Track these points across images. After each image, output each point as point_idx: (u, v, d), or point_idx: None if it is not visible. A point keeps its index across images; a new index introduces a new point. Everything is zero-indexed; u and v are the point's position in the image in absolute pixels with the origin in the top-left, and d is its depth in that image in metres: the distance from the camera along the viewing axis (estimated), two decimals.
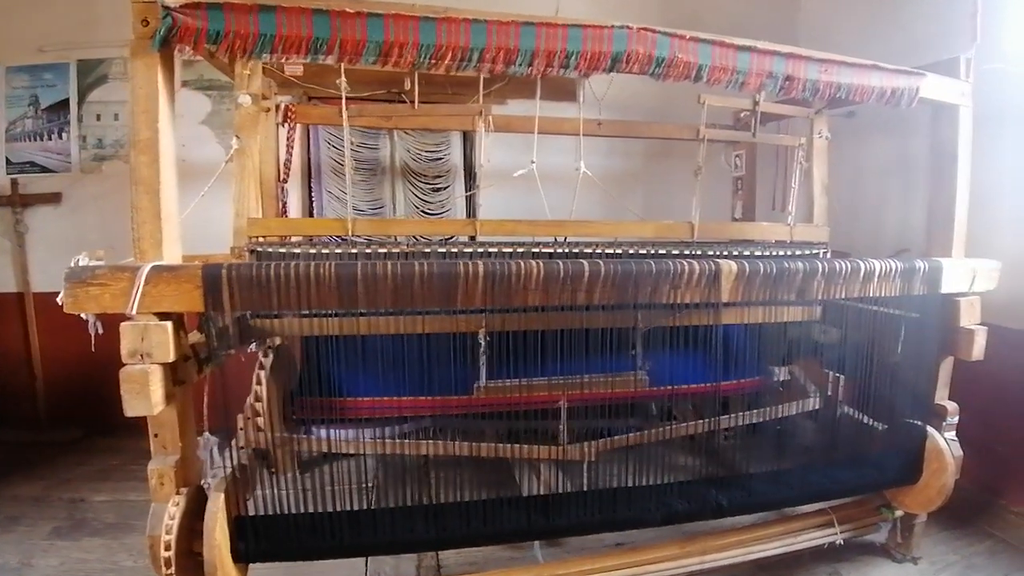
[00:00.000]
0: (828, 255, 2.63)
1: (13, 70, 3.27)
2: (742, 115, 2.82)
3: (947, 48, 2.25)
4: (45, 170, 3.33)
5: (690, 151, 3.26)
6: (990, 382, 2.62)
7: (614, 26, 1.79)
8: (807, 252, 2.60)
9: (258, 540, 1.65)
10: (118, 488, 2.89)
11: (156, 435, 1.71)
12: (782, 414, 2.53)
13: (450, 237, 2.91)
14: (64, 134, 3.29)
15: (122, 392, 1.54)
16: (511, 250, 2.26)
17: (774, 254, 2.47)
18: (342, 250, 2.19)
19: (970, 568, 2.40)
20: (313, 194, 3.27)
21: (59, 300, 1.66)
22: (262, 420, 2.23)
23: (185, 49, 1.60)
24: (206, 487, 1.75)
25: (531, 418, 2.45)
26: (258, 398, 2.26)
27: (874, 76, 2.09)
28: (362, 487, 2.12)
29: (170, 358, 1.57)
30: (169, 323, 1.58)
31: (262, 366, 2.34)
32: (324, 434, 2.28)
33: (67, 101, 3.29)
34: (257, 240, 2.19)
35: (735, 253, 2.39)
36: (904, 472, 2.23)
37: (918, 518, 2.36)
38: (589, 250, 2.34)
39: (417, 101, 2.81)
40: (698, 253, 2.41)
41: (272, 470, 2.39)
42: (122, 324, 1.58)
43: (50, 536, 2.53)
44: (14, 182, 3.27)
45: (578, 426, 2.36)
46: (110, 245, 1.84)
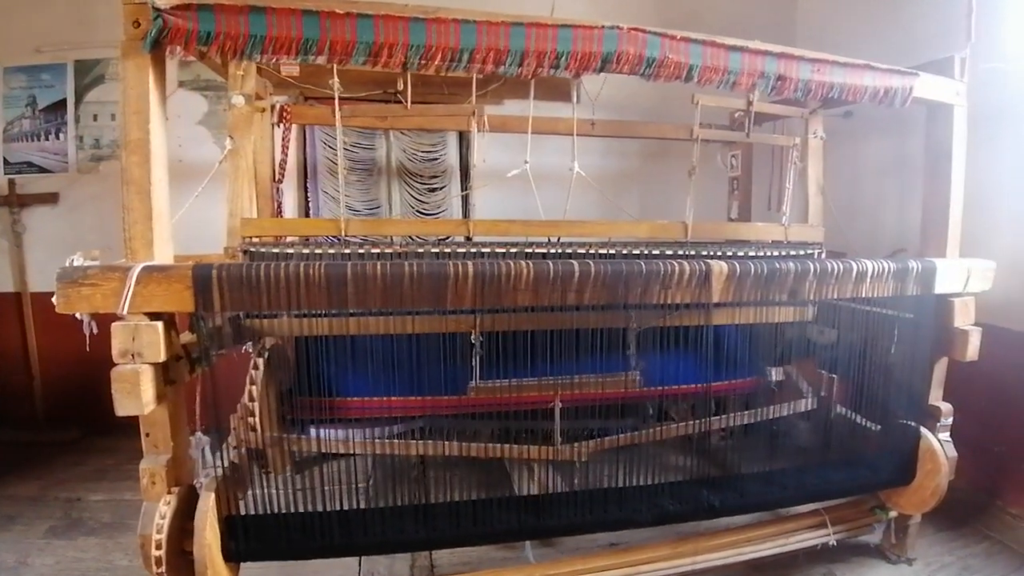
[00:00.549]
0: (823, 255, 2.62)
1: (11, 70, 3.28)
2: (736, 115, 2.82)
3: (946, 47, 2.24)
4: (42, 170, 3.34)
5: (686, 151, 3.25)
6: (987, 383, 2.62)
7: (604, 26, 1.79)
8: (802, 252, 2.59)
9: (248, 539, 1.66)
10: (114, 488, 2.90)
11: (148, 434, 1.72)
12: (776, 415, 2.52)
13: (446, 237, 2.92)
14: (61, 134, 3.30)
15: (113, 392, 1.55)
16: (504, 250, 2.26)
17: (768, 255, 2.47)
18: (336, 250, 2.20)
19: (966, 570, 2.40)
20: (309, 194, 3.27)
21: (54, 299, 1.67)
22: (255, 420, 2.23)
23: (176, 50, 1.61)
24: (198, 487, 1.75)
25: (525, 418, 2.45)
26: (252, 398, 2.26)
27: (867, 76, 2.09)
28: (354, 487, 2.12)
29: (161, 358, 1.58)
30: (160, 323, 1.58)
31: (256, 366, 2.34)
32: (318, 434, 2.28)
33: (64, 101, 3.30)
34: (250, 240, 2.20)
35: (728, 254, 2.38)
36: (898, 473, 2.23)
37: (912, 519, 2.36)
38: (583, 250, 2.35)
39: (412, 101, 2.81)
40: (691, 254, 2.42)
41: (266, 470, 2.40)
42: (113, 324, 1.58)
43: (46, 535, 2.54)
44: (11, 182, 3.29)
45: (573, 426, 2.35)
46: (107, 245, 1.86)
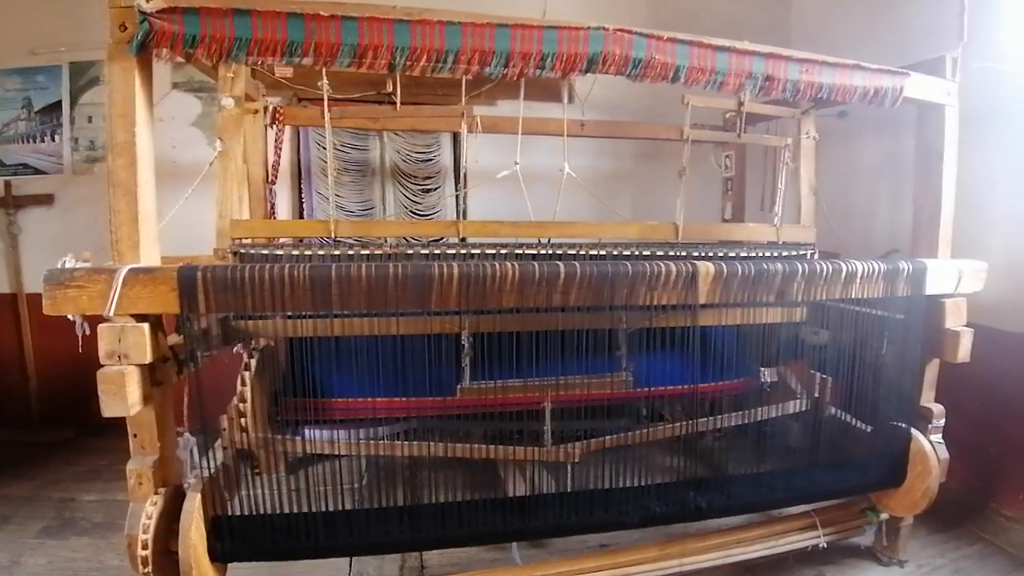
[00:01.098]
0: (815, 256, 2.61)
1: (6, 72, 3.30)
2: (728, 116, 2.81)
3: (941, 47, 2.23)
4: (38, 172, 3.37)
5: (680, 152, 3.26)
6: (981, 384, 2.60)
7: (590, 27, 1.79)
8: (794, 253, 2.59)
9: (234, 540, 1.66)
10: (107, 488, 2.92)
11: (135, 435, 1.74)
12: (766, 416, 2.51)
13: (439, 239, 2.93)
14: (56, 136, 3.32)
15: (99, 393, 1.56)
16: (495, 252, 2.26)
17: (759, 255, 2.46)
18: (326, 252, 2.20)
19: (958, 572, 2.39)
20: (303, 196, 3.28)
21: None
22: (246, 421, 2.24)
23: (163, 53, 1.62)
24: (186, 487, 1.76)
25: (515, 419, 2.46)
26: (242, 399, 2.27)
27: (857, 76, 2.08)
28: (342, 488, 2.12)
29: (147, 359, 1.59)
30: (146, 325, 1.59)
31: (247, 367, 2.35)
32: (307, 435, 2.29)
33: (59, 103, 3.32)
34: (240, 242, 2.20)
35: (719, 254, 2.38)
36: (888, 475, 2.22)
37: (904, 521, 2.35)
38: (573, 252, 2.35)
39: (407, 102, 2.81)
40: (682, 255, 2.41)
41: (257, 471, 2.41)
42: (100, 326, 1.59)
43: (39, 535, 2.55)
44: (7, 184, 3.31)
45: (563, 427, 2.35)
46: (101, 246, 1.86)
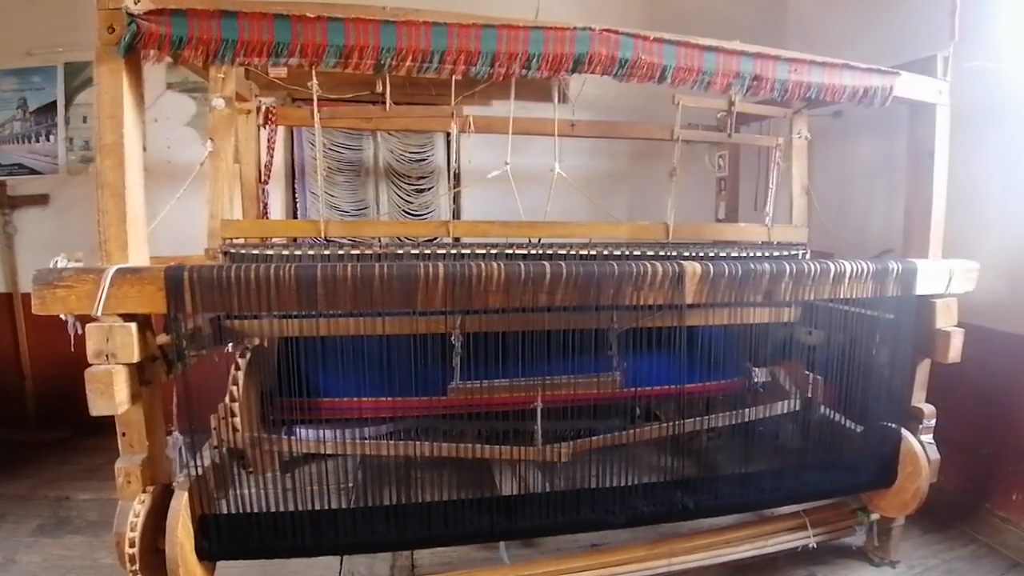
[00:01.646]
0: (807, 256, 2.61)
1: (2, 73, 3.32)
2: (720, 115, 2.81)
3: (937, 47, 2.22)
4: (33, 172, 3.38)
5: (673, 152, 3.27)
6: (974, 385, 2.60)
7: (576, 28, 1.79)
8: (785, 253, 2.58)
9: (221, 539, 1.67)
10: (103, 487, 2.93)
11: (123, 434, 1.74)
12: (756, 416, 2.51)
13: (433, 239, 2.93)
14: (52, 136, 3.34)
15: (87, 392, 1.57)
16: (485, 252, 2.27)
17: (749, 255, 2.46)
18: (316, 252, 2.21)
19: (951, 572, 2.38)
20: (297, 196, 3.29)
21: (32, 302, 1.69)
22: (237, 420, 2.25)
23: (150, 54, 1.63)
24: (174, 486, 1.77)
25: (506, 419, 2.46)
26: (233, 398, 2.28)
27: (846, 75, 2.07)
28: (335, 488, 2.13)
29: (135, 359, 1.60)
30: (134, 324, 1.60)
31: (238, 367, 2.36)
32: (298, 435, 2.30)
33: (55, 103, 3.33)
34: (231, 242, 2.21)
35: (709, 255, 2.38)
36: (878, 475, 2.21)
37: (896, 521, 2.34)
38: (564, 251, 2.35)
39: (401, 102, 2.83)
40: (672, 255, 2.41)
41: (249, 470, 2.41)
42: (88, 325, 1.60)
43: (34, 533, 2.57)
44: (2, 184, 3.32)
45: (554, 427, 2.36)
46: (95, 246, 1.88)
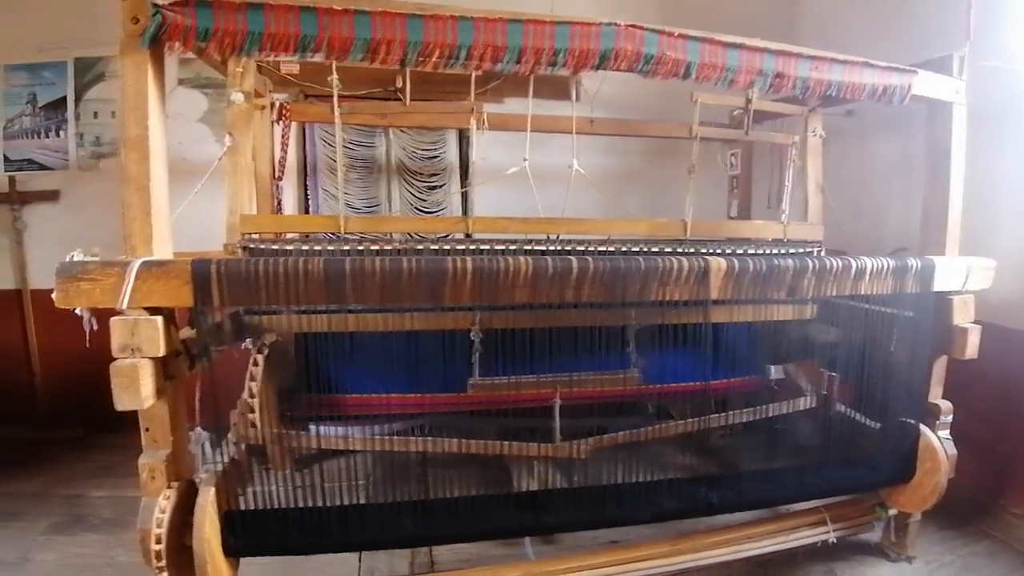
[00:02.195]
0: (822, 254, 2.62)
1: (11, 68, 3.29)
2: (736, 113, 2.81)
3: (949, 46, 2.23)
4: (43, 168, 3.35)
5: (689, 150, 3.26)
6: (990, 382, 2.60)
7: (602, 23, 1.79)
8: (801, 251, 2.59)
9: (248, 535, 1.66)
10: (117, 484, 2.91)
11: (147, 429, 1.74)
12: (775, 413, 2.52)
13: (446, 235, 2.92)
14: (62, 132, 3.31)
15: (112, 386, 1.55)
16: (503, 248, 2.27)
17: (768, 252, 2.46)
18: (335, 247, 2.20)
19: (967, 568, 2.39)
20: (309, 192, 3.28)
21: (54, 295, 1.68)
22: (255, 416, 2.24)
23: (176, 47, 1.62)
24: (198, 482, 1.76)
25: (525, 416, 2.46)
26: (252, 394, 2.27)
27: (866, 73, 2.08)
28: (353, 483, 2.12)
29: (160, 352, 1.59)
30: (160, 318, 1.59)
31: (256, 362, 2.35)
32: (318, 431, 2.29)
33: (65, 99, 3.30)
34: (250, 237, 2.20)
35: (728, 251, 2.38)
36: (897, 471, 2.22)
37: (912, 517, 2.35)
38: (582, 248, 2.35)
39: (414, 99, 2.80)
40: (691, 251, 2.41)
41: (267, 467, 2.41)
42: (112, 319, 1.59)
43: (48, 531, 2.55)
44: (12, 179, 3.29)
45: (572, 424, 2.36)
46: (108, 243, 1.87)
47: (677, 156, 3.41)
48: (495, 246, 2.30)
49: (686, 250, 2.42)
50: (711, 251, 2.41)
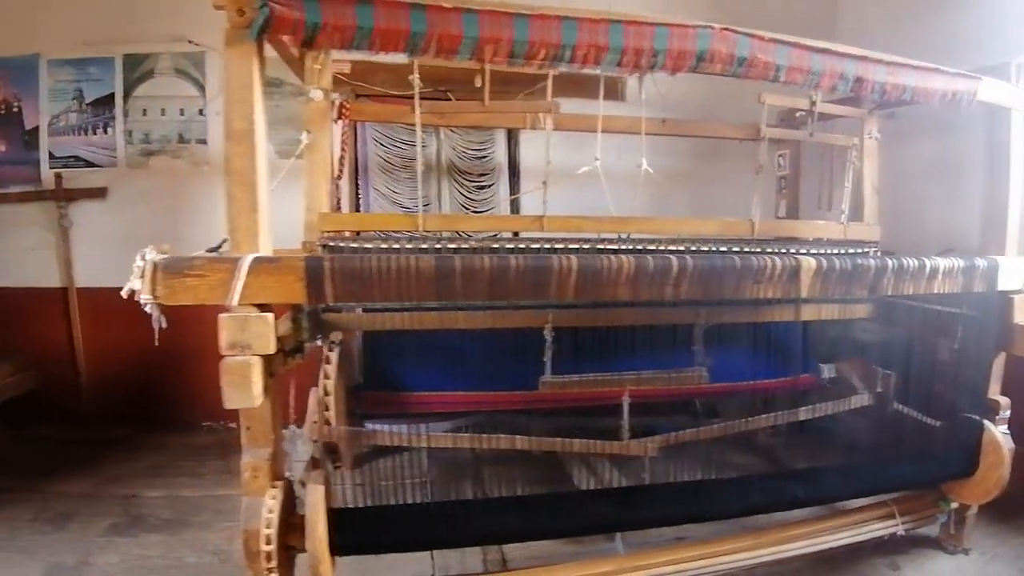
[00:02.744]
0: (878, 254, 2.68)
1: (56, 63, 3.24)
2: (798, 114, 2.85)
3: (992, 51, 2.30)
4: (90, 165, 3.31)
5: (736, 150, 3.30)
6: None
7: (698, 25, 1.82)
8: (860, 251, 2.64)
9: (355, 533, 1.66)
10: (170, 484, 2.88)
11: (248, 428, 1.72)
12: (836, 411, 2.57)
13: (494, 234, 2.93)
14: (110, 129, 3.26)
15: (223, 384, 1.53)
16: (576, 246, 2.29)
17: (838, 252, 2.52)
18: (414, 245, 2.21)
19: (1019, 558, 2.46)
20: (360, 191, 3.27)
21: (123, 292, 1.66)
22: (331, 414, 2.23)
23: (284, 40, 1.61)
24: (294, 481, 1.76)
25: (592, 414, 2.48)
26: (327, 392, 2.26)
27: (936, 79, 2.14)
28: (416, 481, 2.12)
29: (271, 350, 1.57)
30: (270, 315, 1.58)
31: (328, 360, 2.33)
32: (393, 428, 2.29)
33: (112, 96, 3.27)
34: (328, 235, 2.20)
35: (803, 251, 2.43)
36: (963, 465, 2.28)
37: (970, 510, 2.41)
38: (641, 247, 2.38)
39: (459, 99, 2.83)
40: (757, 250, 2.45)
41: (337, 464, 2.40)
42: (221, 315, 1.57)
43: (107, 533, 2.51)
44: (58, 176, 3.24)
45: (639, 422, 2.38)
46: (160, 240, 1.85)
47: (723, 156, 3.46)
48: (554, 244, 2.31)
49: (753, 249, 2.46)
50: (783, 251, 2.45)
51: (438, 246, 2.21)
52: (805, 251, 2.34)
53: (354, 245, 2.18)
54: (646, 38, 1.77)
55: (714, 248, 2.40)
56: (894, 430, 2.53)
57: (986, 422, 2.27)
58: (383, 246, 2.19)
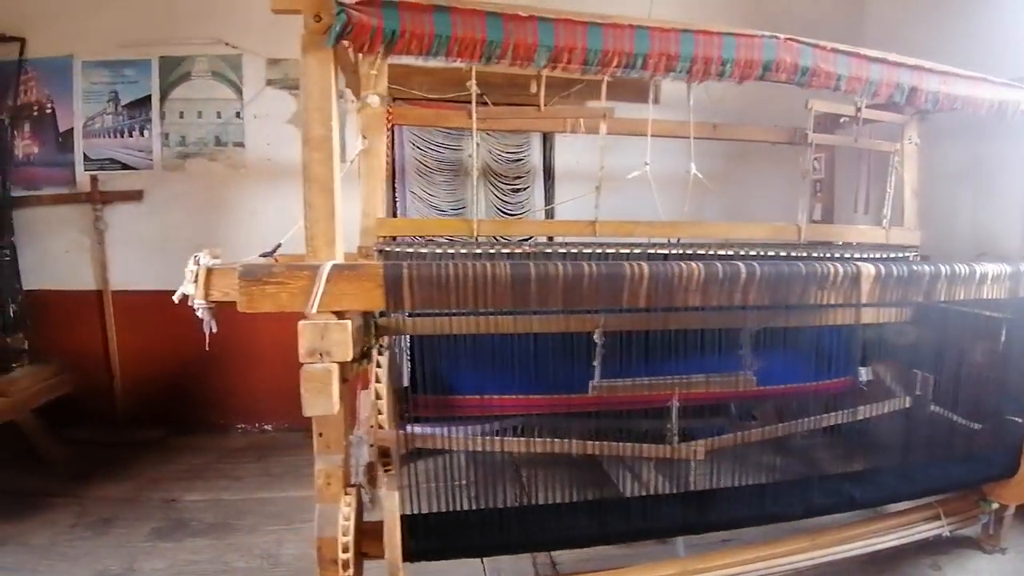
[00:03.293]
0: (919, 259, 2.72)
1: (90, 65, 3.21)
2: (842, 120, 2.87)
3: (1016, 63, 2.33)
4: (126, 167, 3.28)
5: (766, 153, 3.34)
6: None
7: (763, 35, 1.85)
8: (901, 255, 2.69)
9: (429, 539, 1.67)
10: (210, 487, 2.86)
11: (320, 434, 1.72)
12: (876, 413, 2.61)
13: (528, 238, 2.95)
14: (146, 131, 3.24)
15: (303, 391, 1.53)
16: (628, 251, 2.31)
17: (883, 257, 2.56)
18: (468, 250, 2.22)
19: None
20: (397, 195, 3.27)
21: (175, 297, 1.66)
22: (384, 418, 2.23)
23: (362, 47, 1.61)
24: (364, 487, 1.76)
25: (640, 417, 2.49)
26: (379, 396, 2.26)
27: (985, 88, 2.19)
28: (457, 483, 2.11)
29: (349, 356, 1.57)
30: (349, 322, 1.58)
31: (379, 364, 2.33)
32: (448, 432, 2.29)
33: (148, 98, 3.24)
34: (385, 240, 2.20)
35: (846, 256, 2.45)
36: (1005, 466, 2.32)
37: (1007, 511, 2.46)
38: (680, 251, 2.40)
39: (497, 103, 2.83)
40: (803, 255, 2.49)
41: (388, 468, 2.39)
42: (300, 322, 1.57)
43: (151, 538, 2.49)
44: (94, 179, 3.21)
45: (689, 425, 2.40)
46: (197, 243, 1.84)
47: (753, 159, 3.50)
48: (607, 249, 2.34)
49: (799, 254, 2.49)
50: (821, 255, 2.48)
51: (491, 251, 2.22)
52: (846, 255, 2.37)
53: (409, 250, 2.19)
54: (715, 47, 1.80)
55: (761, 252, 2.43)
56: (934, 432, 2.57)
57: None
58: (437, 251, 2.19)
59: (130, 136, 3.23)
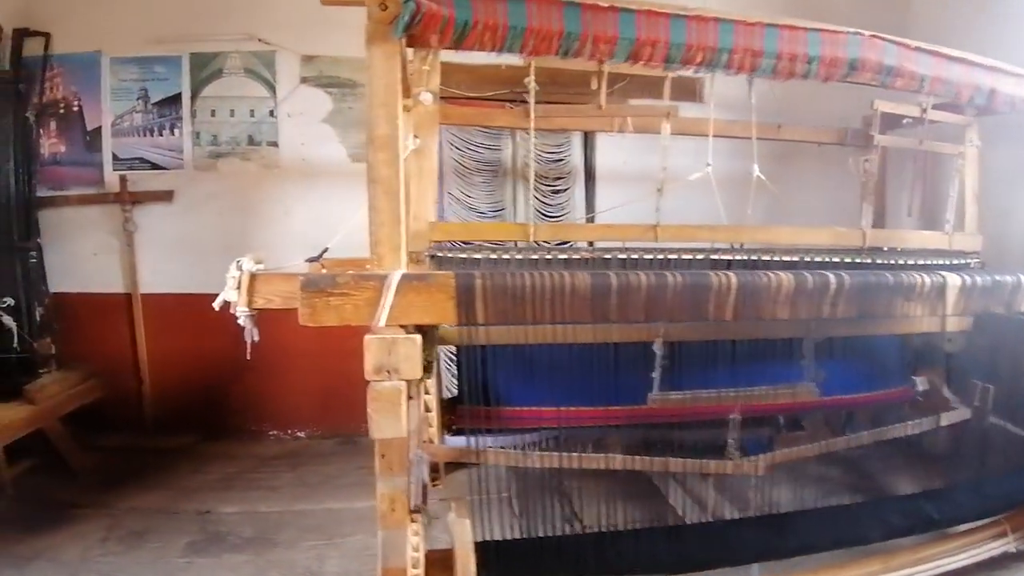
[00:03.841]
0: (980, 265, 2.62)
1: (119, 61, 3.10)
2: (904, 121, 2.76)
3: None
4: (155, 167, 3.18)
5: (811, 153, 3.24)
6: None
7: (848, 32, 1.75)
8: (962, 262, 2.59)
9: (500, 567, 1.57)
10: (246, 498, 2.77)
11: (383, 456, 1.61)
12: (945, 424, 2.52)
13: (567, 242, 2.84)
14: (176, 130, 3.14)
15: (371, 412, 1.43)
16: (690, 257, 2.22)
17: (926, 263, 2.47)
18: (523, 256, 2.12)
19: None
20: (436, 197, 3.16)
21: (216, 304, 1.57)
22: (434, 431, 2.14)
23: (431, 39, 1.51)
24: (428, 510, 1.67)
25: (700, 429, 2.40)
26: (428, 408, 2.17)
27: None
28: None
29: (418, 374, 1.47)
30: (419, 336, 1.48)
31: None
32: (502, 445, 2.20)
33: (179, 96, 3.14)
34: (438, 245, 2.10)
35: (919, 263, 2.37)
36: None
37: None
38: (744, 258, 2.31)
39: (540, 102, 2.72)
40: (861, 261, 2.39)
41: (436, 483, 2.31)
42: (367, 337, 1.47)
43: (187, 553, 2.40)
44: (123, 179, 3.11)
45: (753, 437, 2.31)
46: (227, 245, 1.75)
47: (797, 160, 3.39)
48: (669, 255, 2.25)
49: (856, 260, 2.40)
50: (878, 262, 2.39)
51: (548, 257, 2.12)
52: (910, 262, 2.28)
53: (462, 256, 2.09)
54: (800, 44, 1.70)
55: (827, 259, 2.34)
56: (1001, 444, 2.47)
57: None
58: (492, 257, 2.09)
59: (160, 135, 3.13)
